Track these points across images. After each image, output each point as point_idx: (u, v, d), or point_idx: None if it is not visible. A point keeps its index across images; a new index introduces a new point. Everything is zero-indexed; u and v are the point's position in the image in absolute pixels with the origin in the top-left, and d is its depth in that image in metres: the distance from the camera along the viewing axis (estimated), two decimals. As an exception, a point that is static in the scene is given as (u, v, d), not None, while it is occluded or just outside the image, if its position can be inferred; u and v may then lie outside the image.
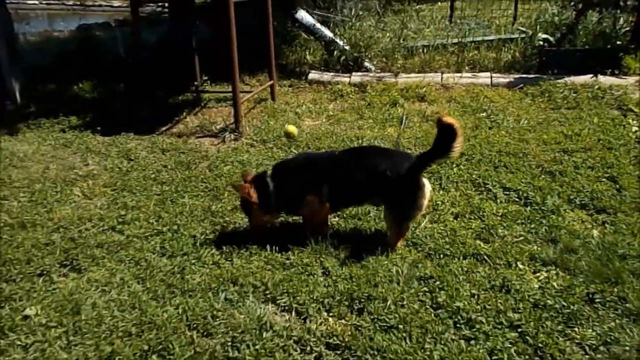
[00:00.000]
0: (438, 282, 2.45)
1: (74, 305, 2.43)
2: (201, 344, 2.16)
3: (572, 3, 6.64)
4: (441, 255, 2.71)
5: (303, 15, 7.08)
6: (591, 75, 5.71)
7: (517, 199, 3.32)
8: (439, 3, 10.73)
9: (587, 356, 2.00)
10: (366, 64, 6.71)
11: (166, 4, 8.67)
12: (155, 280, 2.60)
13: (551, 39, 6.15)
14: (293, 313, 2.34)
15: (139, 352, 2.14)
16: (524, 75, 6.03)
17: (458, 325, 2.19)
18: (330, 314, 2.31)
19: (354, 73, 6.52)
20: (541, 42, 6.18)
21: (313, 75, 6.56)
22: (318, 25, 7.07)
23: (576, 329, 2.14)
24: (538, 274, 2.54)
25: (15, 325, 2.33)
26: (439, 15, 9.23)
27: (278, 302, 2.40)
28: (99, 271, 2.73)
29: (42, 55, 7.41)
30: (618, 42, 5.98)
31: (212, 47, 6.42)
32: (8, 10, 6.19)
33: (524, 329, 2.13)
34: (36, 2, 20.59)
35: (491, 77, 6.11)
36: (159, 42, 7.14)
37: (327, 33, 7.02)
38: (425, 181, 2.78)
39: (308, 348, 2.13)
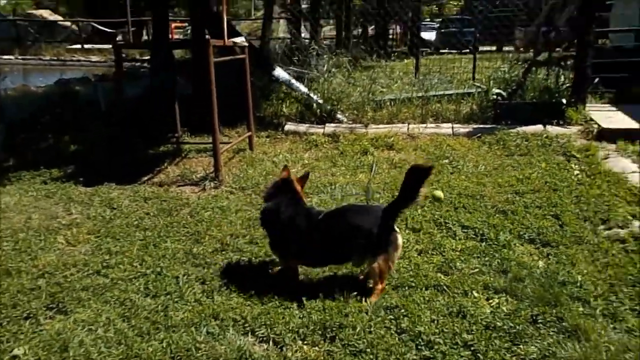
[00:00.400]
0: (402, 311, 2.70)
1: (62, 344, 2.55)
2: (185, 374, 2.34)
3: (520, 62, 7.30)
4: (406, 287, 2.97)
5: (279, 72, 7.56)
6: (540, 126, 6.25)
7: (474, 236, 3.64)
8: (405, 60, 11.46)
9: (529, 369, 2.27)
10: (339, 116, 7.15)
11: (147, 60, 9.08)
12: (140, 318, 2.77)
13: (504, 93, 6.74)
14: (271, 343, 2.55)
15: (126, 382, 2.30)
16: (482, 126, 6.55)
17: (419, 347, 2.44)
18: (305, 342, 2.53)
19: (327, 124, 6.93)
20: (495, 96, 6.76)
21: (289, 126, 6.94)
22: (293, 81, 7.55)
23: (521, 346, 2.41)
24: (490, 301, 2.82)
25: (4, 364, 2.45)
26: (405, 71, 9.89)
27: (257, 333, 2.61)
28: (85, 312, 2.86)
29: (21, 110, 7.58)
30: (561, 97, 6.59)
31: (192, 100, 6.78)
32: (-7, 69, 6.45)
33: (476, 348, 2.40)
34: (12, 57, 20.87)
35: (452, 127, 6.60)
36: (139, 96, 7.47)
37: (302, 88, 7.49)
38: (397, 232, 2.97)
39: (285, 373, 2.34)
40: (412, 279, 3.05)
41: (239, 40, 5.93)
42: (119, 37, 20.08)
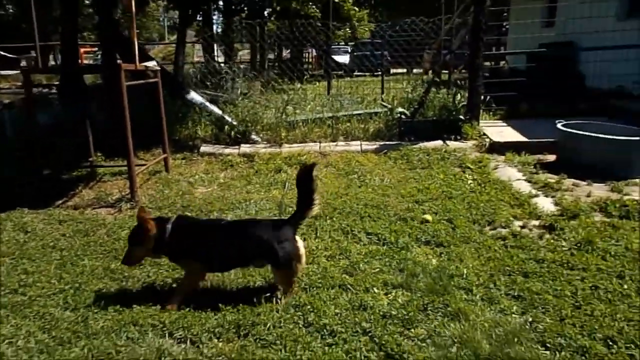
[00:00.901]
0: (310, 307, 2.98)
1: (-21, 359, 2.61)
2: (106, 375, 2.48)
3: (422, 83, 8.01)
4: (314, 288, 3.26)
5: (193, 95, 7.73)
6: (440, 141, 6.90)
7: (377, 241, 4.02)
8: (318, 83, 12.01)
9: (415, 346, 2.63)
10: (253, 136, 7.43)
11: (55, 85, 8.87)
12: (61, 329, 2.85)
13: (407, 112, 7.36)
14: (188, 342, 2.73)
15: (47, 389, 2.39)
16: (388, 142, 7.10)
17: (323, 336, 2.73)
18: (220, 340, 2.74)
19: (242, 145, 7.18)
20: (399, 115, 7.36)
21: (205, 148, 7.11)
22: (207, 104, 7.75)
23: (412, 330, 2.78)
24: (388, 295, 3.18)
25: None
26: (318, 93, 10.39)
27: (174, 335, 2.78)
28: (3, 328, 2.89)
29: None
30: (458, 114, 7.30)
31: (105, 125, 6.76)
32: None
33: (373, 333, 2.73)
34: None
35: (361, 144, 7.09)
36: (49, 122, 7.30)
37: (216, 110, 7.70)
38: (298, 239, 3.23)
39: (201, 367, 2.54)
40: (320, 281, 3.34)
41: (151, 64, 6.07)
42: (23, 63, 19.19)
